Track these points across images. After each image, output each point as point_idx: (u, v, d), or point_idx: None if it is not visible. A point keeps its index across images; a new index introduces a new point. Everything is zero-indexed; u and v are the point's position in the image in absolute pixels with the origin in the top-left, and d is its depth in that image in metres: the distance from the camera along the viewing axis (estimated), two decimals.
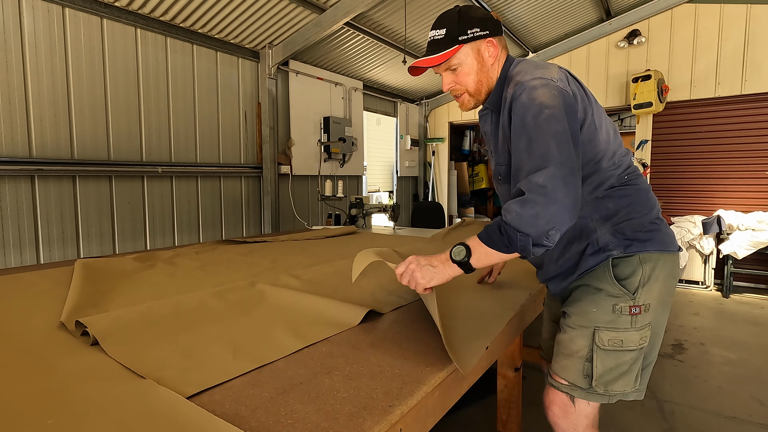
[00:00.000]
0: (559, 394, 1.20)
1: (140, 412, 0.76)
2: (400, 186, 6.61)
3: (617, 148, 1.18)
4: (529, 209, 0.95)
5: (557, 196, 0.94)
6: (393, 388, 0.86)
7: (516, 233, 0.97)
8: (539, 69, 1.11)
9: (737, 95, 4.62)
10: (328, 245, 2.70)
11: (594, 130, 1.12)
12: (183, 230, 3.64)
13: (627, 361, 1.13)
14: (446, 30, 1.16)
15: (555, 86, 1.05)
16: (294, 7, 3.65)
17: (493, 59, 1.19)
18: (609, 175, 1.15)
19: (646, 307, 1.12)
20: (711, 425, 2.15)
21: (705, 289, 4.76)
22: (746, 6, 4.52)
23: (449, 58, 1.16)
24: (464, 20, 1.15)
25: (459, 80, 1.20)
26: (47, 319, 1.27)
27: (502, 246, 1.00)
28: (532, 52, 5.74)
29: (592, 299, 1.15)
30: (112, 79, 3.09)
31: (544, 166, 0.97)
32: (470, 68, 1.18)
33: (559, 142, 0.98)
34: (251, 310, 1.35)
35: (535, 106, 1.02)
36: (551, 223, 0.95)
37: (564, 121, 1.00)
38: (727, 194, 4.77)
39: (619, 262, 1.13)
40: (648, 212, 1.17)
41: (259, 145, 4.25)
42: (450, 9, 1.20)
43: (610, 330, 1.12)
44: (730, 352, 3.04)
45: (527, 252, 0.98)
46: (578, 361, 1.16)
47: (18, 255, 2.70)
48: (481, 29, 1.16)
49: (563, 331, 1.22)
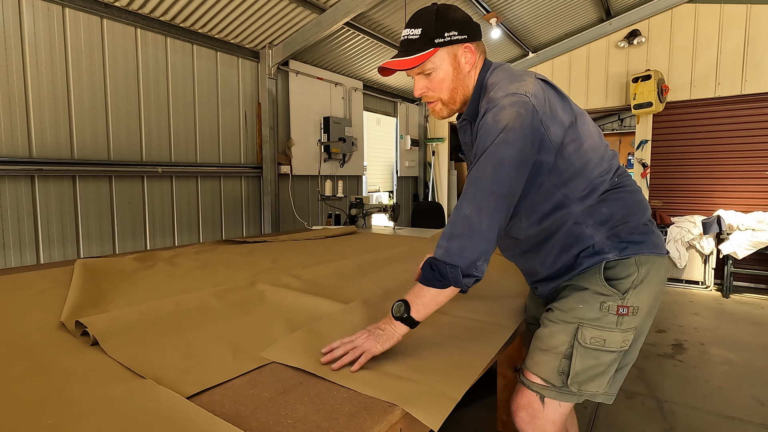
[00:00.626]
0: (528, 394, 1.17)
1: (140, 412, 0.76)
2: (400, 186, 6.61)
3: (605, 152, 1.15)
4: (455, 242, 0.98)
5: (482, 228, 0.97)
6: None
7: (445, 267, 0.97)
8: (514, 82, 1.05)
9: (737, 95, 4.62)
10: (328, 245, 2.70)
11: (580, 141, 1.09)
12: (183, 230, 3.64)
13: (605, 362, 1.11)
14: (422, 30, 1.08)
15: (525, 103, 1.00)
16: (294, 7, 3.65)
17: (470, 66, 1.12)
18: (601, 181, 1.12)
19: (635, 309, 1.09)
20: (711, 425, 2.15)
21: (705, 289, 4.76)
22: (746, 6, 4.52)
23: (423, 62, 1.08)
24: (442, 21, 1.08)
25: (432, 86, 1.13)
26: (47, 319, 1.27)
27: (436, 281, 0.99)
28: (532, 52, 5.75)
29: (580, 296, 1.13)
30: (112, 79, 3.09)
31: (475, 195, 0.98)
32: (445, 74, 1.11)
33: (498, 169, 0.97)
34: (251, 310, 1.35)
35: (496, 129, 0.99)
36: (476, 254, 0.97)
37: (516, 146, 0.97)
38: (727, 194, 4.77)
39: (615, 265, 1.10)
40: (642, 214, 1.15)
41: (259, 145, 4.25)
42: (428, 6, 1.11)
43: (594, 327, 1.09)
44: (730, 352, 3.04)
45: (459, 284, 0.98)
46: (555, 357, 1.13)
47: (18, 255, 2.70)
48: (460, 33, 1.09)
49: (543, 326, 1.18)
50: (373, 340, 0.97)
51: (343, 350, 0.97)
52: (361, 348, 0.96)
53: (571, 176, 1.09)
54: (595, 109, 5.56)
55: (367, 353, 0.95)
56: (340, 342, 1.00)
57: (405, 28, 1.12)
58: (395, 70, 1.11)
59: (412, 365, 0.98)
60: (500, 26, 4.86)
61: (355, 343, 0.97)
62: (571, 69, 5.63)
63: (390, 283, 1.71)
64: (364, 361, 0.94)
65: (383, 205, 4.04)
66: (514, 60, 5.98)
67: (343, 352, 0.96)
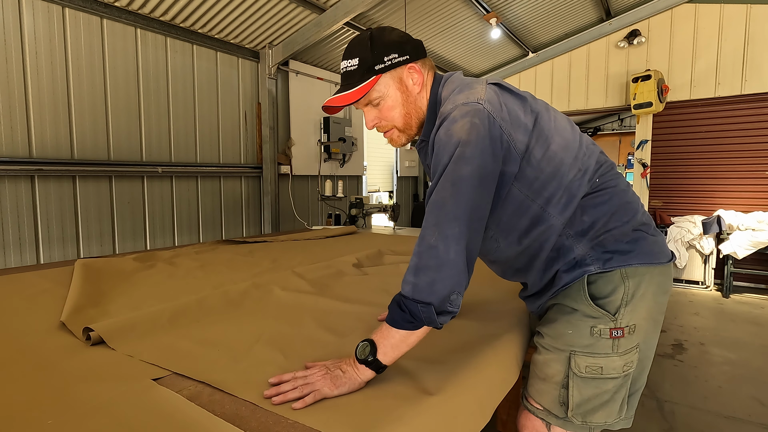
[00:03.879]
0: (534, 419, 1.08)
1: (140, 411, 0.76)
2: (400, 186, 6.61)
3: (578, 150, 1.01)
4: (423, 276, 0.85)
5: (449, 257, 0.85)
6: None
7: (416, 305, 0.84)
8: (464, 91, 0.95)
9: (737, 95, 4.62)
10: (328, 245, 2.70)
11: (547, 142, 0.97)
12: (183, 230, 3.64)
13: (608, 390, 0.99)
14: (359, 59, 0.99)
15: (478, 111, 0.89)
16: (294, 7, 3.65)
17: (419, 86, 1.03)
18: (578, 185, 0.99)
19: (631, 329, 0.98)
20: (711, 425, 2.15)
21: (705, 289, 4.76)
22: (746, 6, 4.52)
23: (368, 92, 0.99)
24: (378, 46, 0.99)
25: (383, 115, 1.04)
26: (47, 319, 1.27)
27: (406, 323, 0.86)
28: (532, 52, 5.75)
29: (568, 320, 1.02)
30: (112, 79, 3.09)
31: (438, 221, 0.87)
32: (394, 101, 1.02)
33: (459, 190, 0.86)
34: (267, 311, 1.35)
35: (450, 145, 0.88)
36: (448, 287, 0.85)
37: (474, 161, 0.87)
38: (727, 194, 4.77)
39: (597, 279, 0.99)
40: (630, 218, 1.01)
41: (259, 145, 4.25)
42: (360, 34, 1.02)
43: (588, 355, 0.99)
44: (730, 352, 3.04)
45: (434, 323, 0.86)
46: (553, 386, 1.03)
47: (18, 255, 2.70)
48: (400, 54, 0.99)
49: (538, 352, 1.09)
50: (329, 380, 0.84)
51: (291, 386, 0.83)
52: (312, 386, 0.82)
53: (543, 184, 0.97)
54: (595, 109, 5.56)
55: (317, 393, 0.81)
56: (292, 375, 0.87)
57: (342, 61, 1.03)
58: (340, 107, 1.01)
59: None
60: (500, 26, 4.86)
61: (308, 380, 0.84)
62: (571, 69, 5.63)
63: (389, 283, 1.71)
64: (310, 401, 0.80)
65: (383, 205, 4.04)
66: (514, 60, 5.98)
67: (291, 388, 0.83)
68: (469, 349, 1.05)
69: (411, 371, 0.93)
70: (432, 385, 0.87)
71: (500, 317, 1.29)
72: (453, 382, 0.89)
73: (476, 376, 0.94)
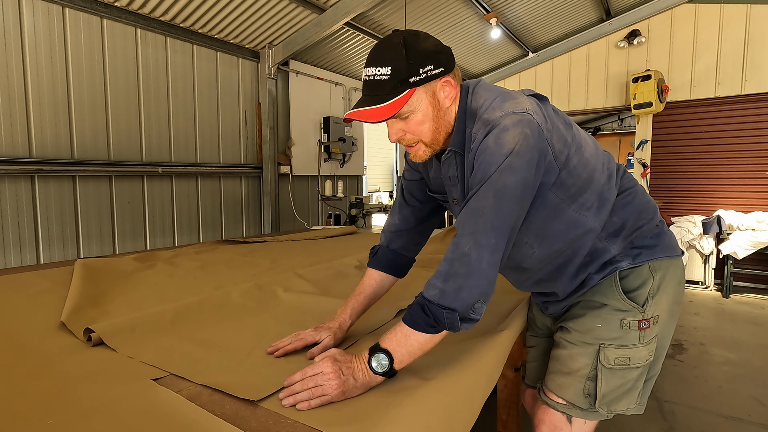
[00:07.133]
0: (552, 413, 1.10)
1: (140, 411, 0.76)
2: (400, 186, 6.60)
3: (601, 154, 1.07)
4: (452, 283, 0.85)
5: (481, 267, 0.84)
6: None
7: (441, 310, 0.84)
8: (508, 101, 0.92)
9: (737, 95, 4.62)
10: (328, 245, 2.70)
11: (581, 150, 1.00)
12: (183, 230, 3.64)
13: (632, 379, 1.05)
14: (392, 69, 0.89)
15: (529, 122, 0.88)
16: (294, 7, 3.65)
17: (450, 101, 0.96)
18: (608, 189, 1.04)
19: (655, 319, 1.03)
20: (711, 425, 2.15)
21: (705, 289, 4.76)
22: (746, 6, 4.51)
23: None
24: (414, 56, 0.89)
25: (410, 129, 0.96)
26: (47, 319, 1.27)
27: (429, 327, 0.85)
28: (532, 52, 5.74)
29: (597, 314, 1.05)
30: (112, 79, 3.09)
31: (475, 230, 0.85)
32: (425, 115, 0.94)
33: (501, 200, 0.85)
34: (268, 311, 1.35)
35: (500, 154, 0.86)
36: (475, 295, 0.85)
37: (521, 172, 0.86)
38: (727, 194, 4.77)
39: (628, 274, 1.04)
40: (653, 215, 1.08)
41: (259, 145, 4.25)
42: (390, 38, 0.92)
43: (617, 347, 1.03)
44: (730, 352, 3.04)
45: (455, 329, 0.86)
46: (579, 379, 1.06)
47: (18, 255, 2.70)
48: (435, 66, 0.91)
49: (562, 347, 1.10)
50: (341, 390, 0.82)
51: (301, 387, 0.82)
52: (322, 390, 0.81)
53: (579, 190, 0.99)
54: (595, 109, 5.56)
55: (326, 398, 0.80)
56: (301, 374, 0.84)
57: (368, 66, 0.92)
58: (366, 121, 0.94)
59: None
60: (500, 26, 4.86)
61: (318, 381, 0.82)
62: (571, 69, 5.63)
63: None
64: (317, 405, 0.79)
65: (383, 205, 4.04)
66: (514, 60, 5.97)
67: (301, 389, 0.81)
68: (462, 342, 1.06)
69: (410, 367, 0.93)
70: (431, 376, 0.88)
71: (494, 315, 1.29)
72: (449, 374, 0.90)
73: (470, 368, 0.95)
